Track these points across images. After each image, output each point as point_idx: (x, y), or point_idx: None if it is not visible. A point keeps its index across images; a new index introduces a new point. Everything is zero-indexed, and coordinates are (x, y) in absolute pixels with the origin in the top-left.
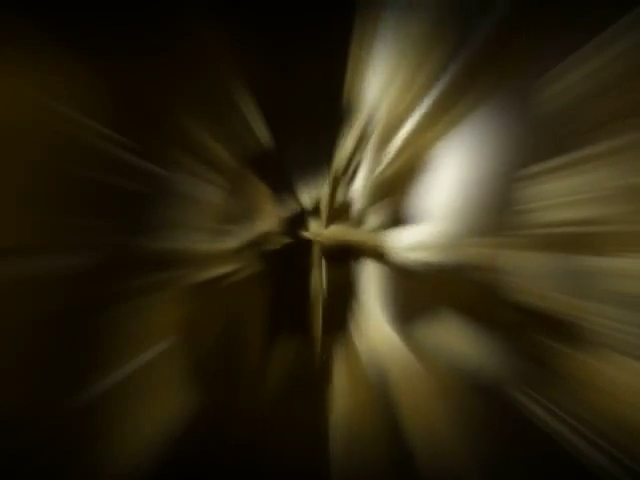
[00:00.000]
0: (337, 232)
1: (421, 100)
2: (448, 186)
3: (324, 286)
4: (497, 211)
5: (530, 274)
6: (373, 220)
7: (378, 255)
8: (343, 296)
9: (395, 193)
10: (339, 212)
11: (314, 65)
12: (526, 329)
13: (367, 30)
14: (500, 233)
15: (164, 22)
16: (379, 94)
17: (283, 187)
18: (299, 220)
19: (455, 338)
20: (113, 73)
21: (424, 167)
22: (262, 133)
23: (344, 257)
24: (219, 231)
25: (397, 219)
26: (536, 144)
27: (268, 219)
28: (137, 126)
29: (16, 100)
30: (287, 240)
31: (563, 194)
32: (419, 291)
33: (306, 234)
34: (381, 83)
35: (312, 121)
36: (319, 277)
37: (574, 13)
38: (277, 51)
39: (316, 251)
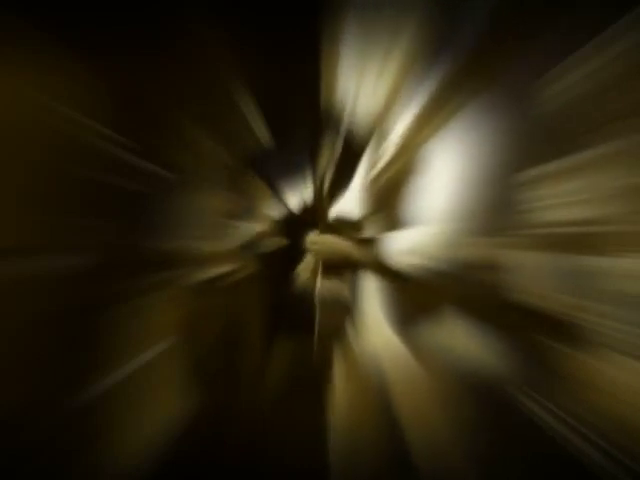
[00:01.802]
0: (334, 239)
1: (416, 100)
2: (446, 187)
3: (320, 287)
4: (497, 211)
5: (531, 274)
6: (370, 224)
7: (376, 261)
8: (342, 298)
9: (392, 196)
10: (336, 216)
11: (314, 65)
12: (526, 329)
13: (364, 30)
14: (500, 233)
15: (164, 22)
16: (373, 95)
17: (283, 187)
18: (299, 221)
19: (454, 339)
20: (113, 73)
21: (421, 168)
22: (262, 133)
23: (341, 265)
24: (219, 231)
25: (395, 222)
26: (536, 144)
27: (268, 219)
28: (137, 126)
29: (16, 100)
30: (286, 241)
31: (563, 194)
32: (418, 293)
33: (304, 244)
34: (376, 83)
35: (312, 121)
36: (317, 279)
37: (574, 13)
38: (277, 51)
39: (313, 256)
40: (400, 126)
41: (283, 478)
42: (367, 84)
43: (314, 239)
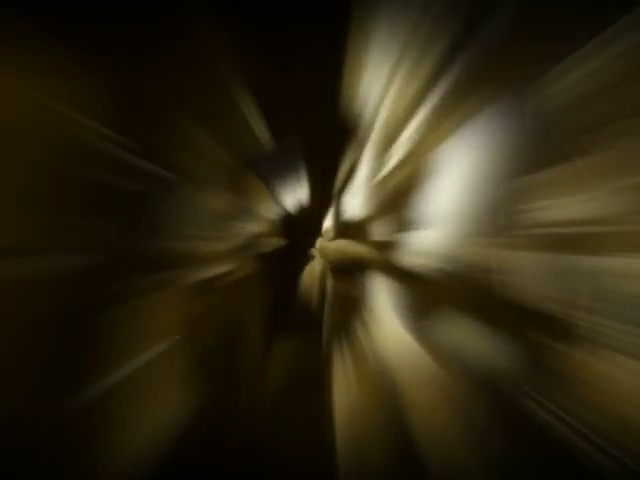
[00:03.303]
0: (344, 244)
1: (423, 103)
2: (451, 190)
3: (329, 288)
4: (499, 213)
5: (532, 274)
6: (380, 226)
7: (385, 261)
8: (348, 297)
9: (399, 198)
10: (347, 218)
11: (314, 65)
12: (528, 329)
13: (367, 31)
14: (502, 234)
15: (164, 22)
16: (381, 97)
17: (283, 188)
18: (299, 221)
19: (459, 339)
20: (113, 73)
21: (427, 172)
22: (262, 133)
23: (351, 268)
24: (219, 231)
25: (404, 224)
26: (537, 145)
27: (268, 220)
28: (137, 126)
29: (16, 100)
30: (287, 241)
31: (563, 194)
32: (426, 293)
33: (311, 249)
34: (382, 86)
35: (313, 122)
36: (325, 279)
37: (574, 13)
38: (277, 51)
39: (323, 261)
40: (410, 130)
41: (283, 478)
42: (378, 87)
43: (324, 245)
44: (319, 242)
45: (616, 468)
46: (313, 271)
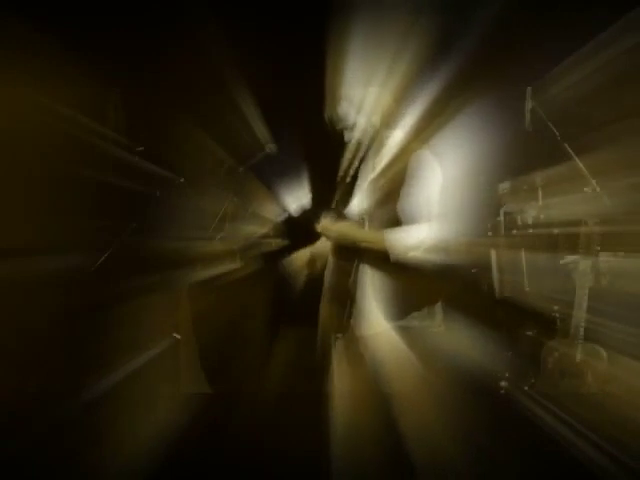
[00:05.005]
0: (343, 229)
1: (418, 103)
2: (445, 189)
3: (327, 284)
4: (494, 211)
5: (528, 273)
6: (373, 221)
7: (380, 254)
8: (345, 294)
9: (395, 195)
10: (343, 212)
11: (313, 65)
12: (524, 328)
13: (364, 32)
14: (497, 233)
15: (164, 22)
16: (377, 98)
17: (284, 188)
18: (300, 220)
19: (453, 336)
20: (113, 74)
21: (422, 170)
22: (262, 133)
23: (348, 255)
24: (219, 231)
25: (397, 221)
26: (534, 145)
27: (268, 220)
28: (138, 127)
29: (17, 101)
30: (287, 241)
31: (562, 194)
32: (417, 289)
33: (314, 229)
34: (376, 87)
35: (312, 122)
36: (322, 275)
37: (574, 13)
38: (278, 51)
39: (319, 248)
40: (404, 128)
41: (283, 478)
42: (371, 87)
43: (327, 226)
44: (323, 222)
45: (616, 468)
46: (311, 270)
